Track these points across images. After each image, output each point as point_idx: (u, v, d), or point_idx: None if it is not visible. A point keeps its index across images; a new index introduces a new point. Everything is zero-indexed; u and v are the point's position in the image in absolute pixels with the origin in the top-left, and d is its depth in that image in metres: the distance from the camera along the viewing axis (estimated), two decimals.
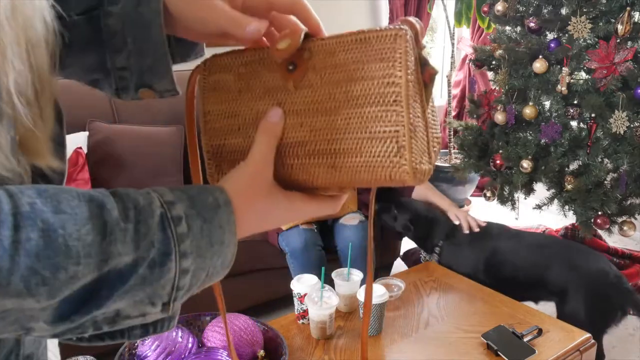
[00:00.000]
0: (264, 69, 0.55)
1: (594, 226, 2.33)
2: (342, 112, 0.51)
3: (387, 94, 0.49)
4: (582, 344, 1.50)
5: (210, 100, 0.58)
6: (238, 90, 0.56)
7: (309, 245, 2.06)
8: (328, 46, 0.53)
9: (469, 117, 2.93)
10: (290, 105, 0.53)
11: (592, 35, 2.23)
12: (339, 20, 3.23)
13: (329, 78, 0.52)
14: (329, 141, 0.51)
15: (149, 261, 0.42)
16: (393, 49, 0.49)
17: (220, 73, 0.57)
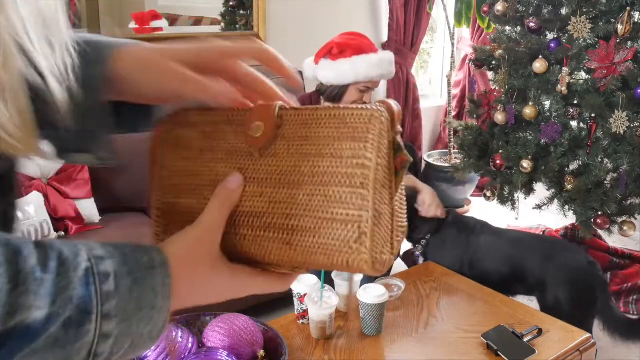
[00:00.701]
0: (231, 130, 0.52)
1: (594, 226, 2.33)
2: (306, 187, 0.48)
3: (355, 176, 0.46)
4: (582, 344, 1.50)
5: (170, 155, 0.54)
6: (200, 149, 0.53)
7: None
8: (301, 117, 0.50)
9: (469, 117, 2.94)
10: (252, 172, 0.51)
11: (592, 35, 2.23)
12: (339, 20, 3.23)
13: (297, 150, 0.49)
14: (288, 216, 0.48)
15: (64, 319, 0.37)
16: (366, 130, 0.47)
17: (184, 128, 0.54)
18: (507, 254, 2.06)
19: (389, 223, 0.49)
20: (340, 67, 2.08)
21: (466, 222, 2.19)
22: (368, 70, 2.07)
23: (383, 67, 2.10)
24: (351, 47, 2.09)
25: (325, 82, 2.15)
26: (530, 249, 2.05)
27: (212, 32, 2.96)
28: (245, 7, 3.02)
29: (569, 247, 2.09)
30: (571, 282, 1.93)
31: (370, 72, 2.07)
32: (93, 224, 2.18)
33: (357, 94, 2.12)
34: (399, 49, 3.55)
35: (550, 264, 1.96)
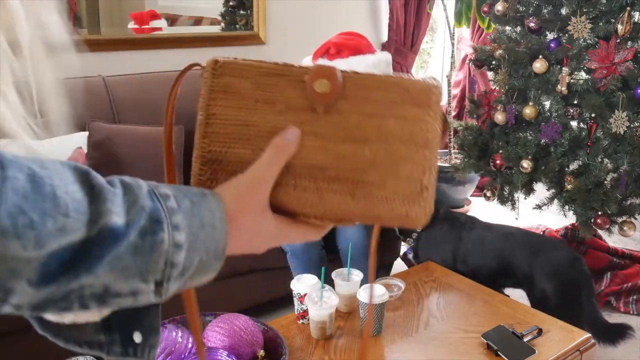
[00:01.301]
0: (288, 84, 0.52)
1: (594, 226, 2.34)
2: (371, 145, 0.51)
3: (419, 137, 0.51)
4: (582, 344, 1.50)
5: (219, 103, 0.53)
6: (255, 99, 0.52)
7: (310, 244, 2.06)
8: (363, 80, 0.53)
9: (469, 117, 2.94)
10: (316, 127, 0.52)
11: (592, 35, 2.23)
12: (339, 20, 3.23)
13: (360, 109, 0.52)
14: (352, 170, 0.51)
15: (140, 227, 0.39)
16: (429, 98, 0.52)
17: (233, 77, 0.53)
18: (496, 248, 2.08)
19: (434, 181, 0.53)
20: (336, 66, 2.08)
21: (456, 217, 2.20)
22: (365, 70, 2.06)
23: (380, 68, 2.09)
24: (348, 47, 2.08)
25: None
26: (519, 244, 2.07)
27: (212, 32, 2.96)
28: (245, 7, 3.02)
29: (554, 242, 2.12)
30: (556, 276, 1.96)
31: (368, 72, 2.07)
32: None
33: None
34: (399, 49, 3.55)
35: (537, 259, 1.99)
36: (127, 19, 2.73)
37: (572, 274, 1.98)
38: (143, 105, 2.47)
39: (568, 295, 1.96)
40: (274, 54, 3.09)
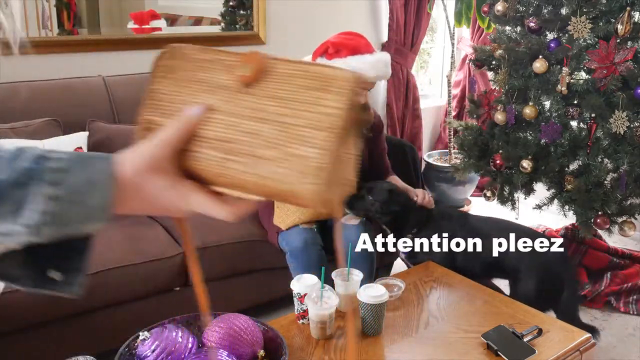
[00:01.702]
0: (222, 68, 0.59)
1: (594, 226, 2.34)
2: (277, 124, 0.55)
3: (325, 121, 0.54)
4: (582, 344, 1.50)
5: (162, 79, 0.61)
6: (191, 79, 0.60)
7: (309, 244, 2.06)
8: (288, 67, 0.58)
9: (469, 117, 2.94)
10: (233, 105, 0.57)
11: (592, 35, 2.23)
12: (339, 20, 3.23)
13: (276, 93, 0.57)
14: (256, 146, 0.55)
15: (13, 181, 0.47)
16: (343, 87, 0.55)
17: (180, 60, 0.61)
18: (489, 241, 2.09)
19: (341, 169, 0.57)
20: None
21: (450, 213, 2.21)
22: (363, 71, 2.05)
23: (378, 68, 2.08)
24: (347, 47, 2.08)
25: None
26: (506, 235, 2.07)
27: (212, 32, 2.96)
28: (245, 7, 3.02)
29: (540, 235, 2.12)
30: (542, 270, 1.99)
31: (367, 73, 2.05)
32: None
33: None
34: (399, 49, 3.55)
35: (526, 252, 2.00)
36: (127, 19, 2.73)
37: (558, 270, 2.02)
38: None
39: (550, 290, 2.01)
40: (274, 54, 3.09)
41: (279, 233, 2.15)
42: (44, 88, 2.36)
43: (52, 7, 2.47)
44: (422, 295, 1.75)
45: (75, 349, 1.43)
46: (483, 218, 2.26)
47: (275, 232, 2.17)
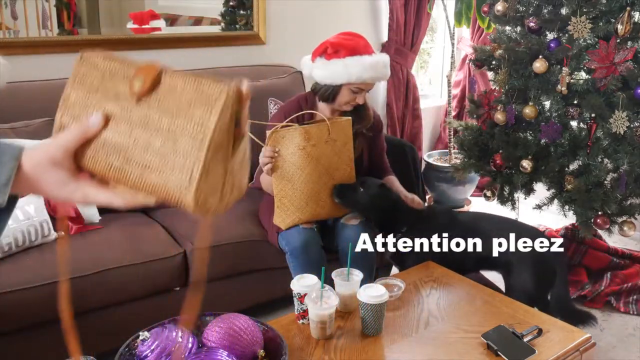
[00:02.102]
0: (122, 79, 0.67)
1: (594, 226, 2.34)
2: (162, 135, 0.64)
3: (198, 133, 0.62)
4: (582, 344, 1.50)
5: (75, 86, 0.70)
6: (98, 88, 0.68)
7: (309, 244, 2.06)
8: (175, 80, 0.65)
9: (469, 117, 2.94)
10: (129, 115, 0.66)
11: (592, 35, 2.23)
12: (339, 20, 3.23)
13: (164, 105, 0.64)
14: (143, 153, 0.64)
15: None
16: (215, 100, 0.62)
17: (91, 68, 0.69)
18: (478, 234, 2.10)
19: (222, 178, 0.64)
20: (333, 67, 2.07)
21: (439, 211, 2.21)
22: (361, 72, 2.05)
23: (377, 70, 2.08)
24: (345, 47, 2.08)
25: (319, 81, 2.15)
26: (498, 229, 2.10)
27: (212, 32, 2.96)
28: (245, 7, 3.02)
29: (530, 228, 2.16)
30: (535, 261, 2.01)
31: (363, 74, 2.05)
32: (93, 224, 2.17)
33: (350, 94, 2.11)
34: (399, 49, 3.55)
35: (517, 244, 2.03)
36: (127, 19, 2.73)
37: (550, 259, 2.04)
38: None
39: (545, 280, 2.03)
40: (274, 54, 3.09)
41: (278, 233, 2.15)
42: (44, 88, 2.36)
43: (52, 7, 2.47)
44: (422, 295, 1.75)
45: None
46: (472, 214, 2.28)
47: (275, 232, 2.17)
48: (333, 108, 2.19)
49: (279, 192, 2.06)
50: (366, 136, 2.25)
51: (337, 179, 2.10)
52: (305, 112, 2.15)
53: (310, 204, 2.07)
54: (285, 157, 2.02)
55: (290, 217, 2.09)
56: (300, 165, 2.02)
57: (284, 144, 2.01)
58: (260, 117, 2.26)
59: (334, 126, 2.05)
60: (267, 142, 2.00)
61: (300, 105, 2.21)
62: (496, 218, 2.19)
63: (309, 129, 2.01)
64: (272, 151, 2.00)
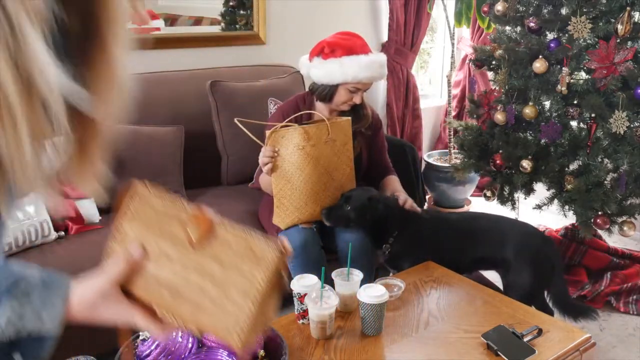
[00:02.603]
0: (176, 221, 0.75)
1: (594, 226, 2.34)
2: (212, 283, 0.72)
3: (248, 288, 0.71)
4: (582, 344, 1.50)
5: (128, 220, 0.77)
6: (152, 225, 0.75)
7: (308, 244, 2.06)
8: (226, 235, 0.73)
9: (469, 117, 2.94)
10: (184, 258, 0.73)
11: (592, 35, 2.23)
12: (339, 20, 3.23)
13: (218, 255, 0.73)
14: (196, 295, 0.72)
15: None
16: (263, 260, 0.71)
17: (142, 205, 0.77)
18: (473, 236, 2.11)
19: (262, 319, 0.74)
20: (329, 66, 2.07)
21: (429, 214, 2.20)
22: (357, 71, 2.04)
23: (373, 69, 2.08)
24: (342, 47, 2.08)
25: (316, 81, 2.15)
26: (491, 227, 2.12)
27: (212, 32, 2.96)
28: (245, 7, 3.02)
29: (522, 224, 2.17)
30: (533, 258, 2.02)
31: (360, 73, 2.05)
32: (93, 223, 2.18)
33: (347, 94, 2.10)
34: (399, 49, 3.55)
35: (512, 242, 2.05)
36: None
37: (547, 254, 2.05)
38: (143, 105, 2.47)
39: (544, 276, 2.04)
40: (274, 54, 3.09)
41: (278, 233, 2.15)
42: None
43: None
44: (422, 295, 1.76)
45: (75, 349, 1.44)
46: (463, 215, 2.28)
47: (274, 231, 2.17)
48: (331, 108, 2.19)
49: (278, 192, 2.06)
50: (365, 135, 2.25)
51: (336, 179, 2.10)
52: (304, 113, 2.15)
53: (310, 204, 2.07)
54: (285, 157, 2.02)
55: (289, 217, 2.09)
56: (299, 165, 2.01)
57: (283, 144, 2.01)
58: (260, 117, 2.26)
59: (334, 126, 2.05)
60: (266, 142, 2.00)
61: (298, 105, 2.21)
62: (488, 216, 2.19)
63: (308, 129, 2.01)
64: (272, 151, 2.00)
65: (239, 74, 2.81)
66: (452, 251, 2.08)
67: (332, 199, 2.10)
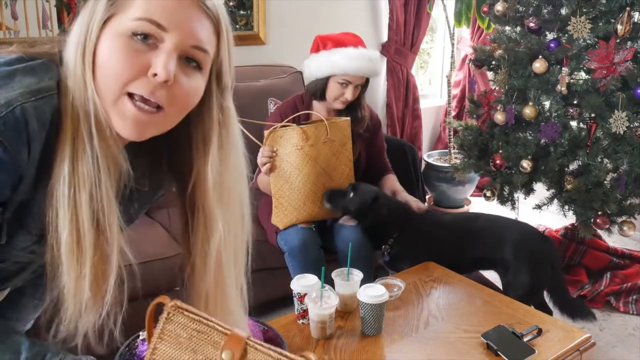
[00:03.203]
0: (210, 343, 0.77)
1: (593, 226, 2.34)
2: None
3: None
4: (581, 344, 1.50)
5: (163, 340, 0.78)
6: (185, 347, 0.77)
7: (308, 243, 2.06)
8: (259, 356, 0.75)
9: (469, 117, 2.94)
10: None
11: (592, 35, 2.23)
12: (339, 20, 3.23)
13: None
14: None
15: None
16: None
17: (176, 326, 0.78)
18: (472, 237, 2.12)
19: None
20: (319, 59, 2.07)
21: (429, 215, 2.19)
22: (345, 63, 2.03)
23: (361, 62, 2.04)
24: (332, 40, 2.09)
25: (309, 77, 2.15)
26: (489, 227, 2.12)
27: None
28: (245, 7, 3.02)
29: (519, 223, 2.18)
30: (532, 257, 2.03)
31: (347, 64, 2.03)
32: None
33: (338, 88, 2.09)
34: (399, 49, 3.55)
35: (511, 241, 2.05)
36: None
37: (546, 253, 2.07)
38: None
39: (543, 275, 2.05)
40: (274, 54, 3.09)
41: (277, 233, 2.15)
42: None
43: (52, 7, 2.47)
44: (422, 295, 1.76)
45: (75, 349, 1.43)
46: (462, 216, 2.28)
47: (274, 231, 2.17)
48: (328, 107, 2.19)
49: (276, 192, 2.06)
50: (363, 136, 2.25)
51: (335, 180, 2.10)
52: (302, 113, 2.15)
53: (308, 204, 2.07)
54: (283, 157, 2.02)
55: (288, 217, 2.09)
56: (298, 165, 2.01)
57: (281, 144, 2.01)
58: (259, 117, 2.26)
59: (332, 126, 2.05)
60: (265, 142, 2.01)
61: (296, 105, 2.21)
62: (487, 216, 2.20)
63: (306, 129, 2.01)
64: (270, 151, 2.00)
65: (239, 74, 2.79)
66: (452, 252, 2.08)
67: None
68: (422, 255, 2.02)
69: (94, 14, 0.79)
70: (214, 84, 0.85)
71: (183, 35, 0.77)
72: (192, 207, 0.88)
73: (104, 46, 0.76)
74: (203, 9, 0.82)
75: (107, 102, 0.75)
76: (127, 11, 0.75)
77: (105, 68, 0.74)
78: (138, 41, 0.75)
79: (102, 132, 0.74)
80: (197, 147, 0.85)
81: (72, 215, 0.72)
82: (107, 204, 0.74)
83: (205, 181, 0.85)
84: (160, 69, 0.74)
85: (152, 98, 0.75)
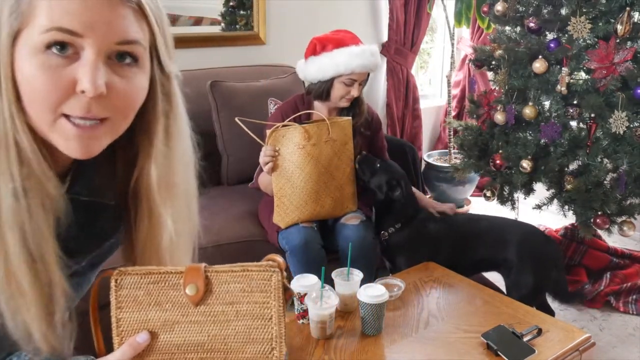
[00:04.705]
0: (170, 288, 0.75)
1: (593, 226, 2.34)
2: (233, 323, 0.75)
3: (265, 314, 0.75)
4: (581, 344, 1.50)
5: (123, 309, 0.76)
6: (147, 304, 0.75)
7: (309, 243, 2.06)
8: (222, 277, 0.75)
9: (469, 117, 2.94)
10: (192, 317, 0.75)
11: (591, 35, 2.23)
12: (339, 20, 3.23)
13: (223, 299, 0.75)
14: (222, 342, 0.75)
15: None
16: (269, 284, 0.75)
17: (129, 289, 0.76)
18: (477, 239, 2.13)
19: (281, 337, 0.77)
20: (321, 62, 2.07)
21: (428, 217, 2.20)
22: (348, 61, 2.03)
23: (365, 58, 2.05)
24: (331, 41, 2.08)
25: (311, 80, 2.15)
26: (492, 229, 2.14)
27: (212, 32, 2.96)
28: (245, 7, 3.02)
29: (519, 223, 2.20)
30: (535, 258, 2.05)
31: (351, 63, 2.03)
32: None
33: (343, 88, 2.09)
34: (399, 49, 3.55)
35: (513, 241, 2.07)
36: None
37: (550, 253, 2.09)
38: None
39: (547, 274, 2.08)
40: (274, 54, 3.10)
41: (278, 232, 2.15)
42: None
43: None
44: (422, 295, 1.76)
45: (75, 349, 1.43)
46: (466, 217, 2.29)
47: (275, 231, 2.17)
48: (329, 106, 2.19)
49: (278, 191, 2.06)
50: (364, 135, 2.25)
51: (337, 179, 2.10)
52: (303, 113, 2.15)
53: (310, 204, 2.07)
54: (285, 156, 2.02)
55: (289, 216, 2.09)
56: (299, 164, 2.02)
57: (284, 143, 2.01)
58: (260, 116, 2.26)
59: (334, 126, 2.05)
60: (267, 141, 2.01)
61: (297, 105, 2.22)
62: (489, 218, 2.20)
63: (308, 128, 2.01)
64: (273, 150, 2.00)
65: (239, 74, 2.81)
66: (453, 253, 2.08)
67: (332, 198, 2.10)
68: (419, 253, 2.03)
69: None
70: (156, 71, 0.77)
71: (102, 35, 0.66)
72: (135, 203, 0.81)
73: (20, 67, 0.65)
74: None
75: (44, 128, 0.67)
76: (34, 21, 0.64)
77: (28, 93, 0.65)
78: (55, 55, 0.64)
79: (29, 165, 0.67)
80: (140, 141, 0.78)
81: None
82: (42, 241, 0.69)
83: (149, 176, 0.78)
84: (86, 84, 0.64)
85: (89, 115, 0.67)
